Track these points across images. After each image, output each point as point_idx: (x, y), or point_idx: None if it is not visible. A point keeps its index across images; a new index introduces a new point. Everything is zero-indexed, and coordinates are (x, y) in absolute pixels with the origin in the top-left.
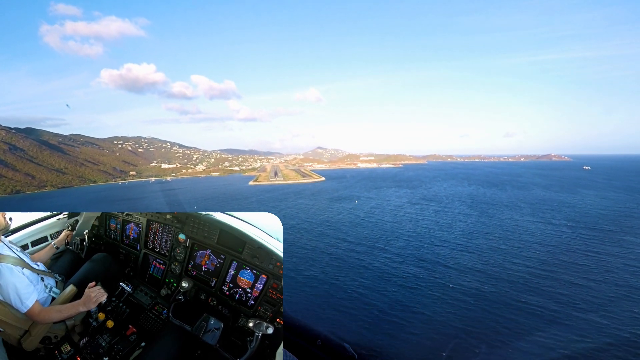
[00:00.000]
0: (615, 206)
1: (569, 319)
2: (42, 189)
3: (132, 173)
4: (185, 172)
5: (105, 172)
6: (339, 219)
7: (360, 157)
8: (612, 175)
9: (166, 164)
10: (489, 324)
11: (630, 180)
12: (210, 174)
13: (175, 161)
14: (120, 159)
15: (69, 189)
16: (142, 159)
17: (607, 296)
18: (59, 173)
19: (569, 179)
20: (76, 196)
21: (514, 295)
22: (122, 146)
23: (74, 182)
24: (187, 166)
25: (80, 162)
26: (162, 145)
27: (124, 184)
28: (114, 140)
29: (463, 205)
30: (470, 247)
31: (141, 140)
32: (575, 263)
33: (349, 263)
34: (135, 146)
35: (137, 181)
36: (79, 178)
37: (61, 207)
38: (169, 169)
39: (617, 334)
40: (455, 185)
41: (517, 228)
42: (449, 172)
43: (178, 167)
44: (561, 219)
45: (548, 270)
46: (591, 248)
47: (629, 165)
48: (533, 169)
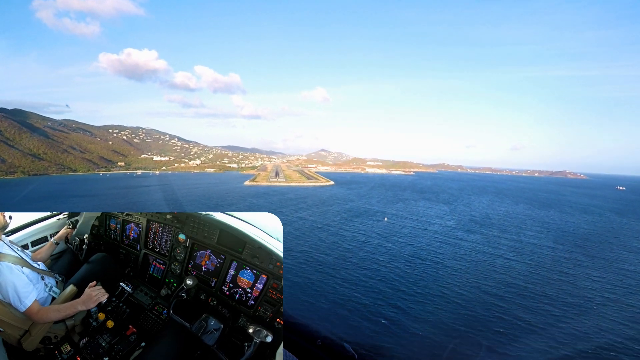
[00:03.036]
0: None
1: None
2: (9, 176)
3: (120, 164)
4: (177, 167)
5: (89, 160)
6: (370, 251)
7: (366, 161)
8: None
9: (158, 157)
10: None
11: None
12: (204, 169)
13: (171, 154)
14: (111, 148)
15: (41, 176)
16: (136, 149)
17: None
18: (35, 159)
19: (626, 202)
20: (34, 187)
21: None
22: (117, 135)
23: (50, 169)
24: (180, 160)
25: (63, 148)
26: (160, 137)
27: (104, 175)
28: (109, 129)
29: (542, 237)
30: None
31: (138, 131)
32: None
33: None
34: (131, 136)
35: (121, 173)
36: (57, 165)
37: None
38: (161, 161)
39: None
40: (496, 202)
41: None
42: (471, 184)
43: (171, 161)
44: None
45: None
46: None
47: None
48: (565, 187)
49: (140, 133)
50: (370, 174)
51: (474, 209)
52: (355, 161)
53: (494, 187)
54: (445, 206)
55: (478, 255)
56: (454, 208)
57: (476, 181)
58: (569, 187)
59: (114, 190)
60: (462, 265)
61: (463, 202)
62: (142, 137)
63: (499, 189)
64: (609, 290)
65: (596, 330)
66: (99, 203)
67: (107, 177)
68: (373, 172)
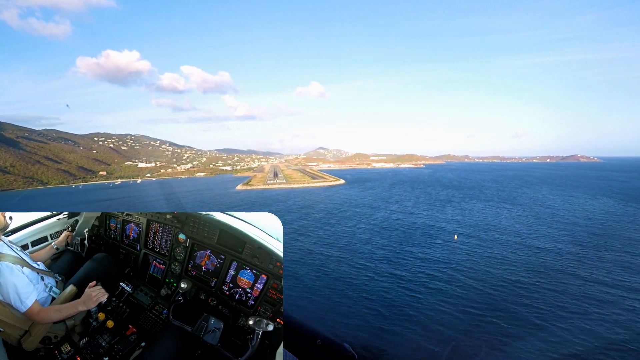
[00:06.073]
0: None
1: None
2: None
3: (102, 173)
4: (163, 173)
5: (66, 171)
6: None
7: (370, 156)
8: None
9: (144, 163)
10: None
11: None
12: (194, 174)
13: (162, 160)
14: (93, 157)
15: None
16: (123, 157)
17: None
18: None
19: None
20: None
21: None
22: (103, 143)
23: (16, 183)
24: (167, 165)
25: (36, 159)
26: (149, 143)
27: (77, 187)
28: (95, 137)
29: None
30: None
31: (127, 138)
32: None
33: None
34: (118, 143)
35: (99, 184)
36: (25, 179)
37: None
38: (146, 168)
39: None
40: (566, 196)
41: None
42: (496, 174)
43: (157, 167)
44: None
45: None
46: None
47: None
48: (598, 171)
49: (128, 140)
50: (379, 169)
51: (553, 208)
52: (358, 156)
53: (528, 175)
54: (512, 207)
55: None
56: (527, 209)
57: (497, 171)
58: (609, 171)
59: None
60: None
61: (527, 199)
62: (131, 144)
63: (537, 177)
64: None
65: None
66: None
67: (80, 189)
68: (380, 166)
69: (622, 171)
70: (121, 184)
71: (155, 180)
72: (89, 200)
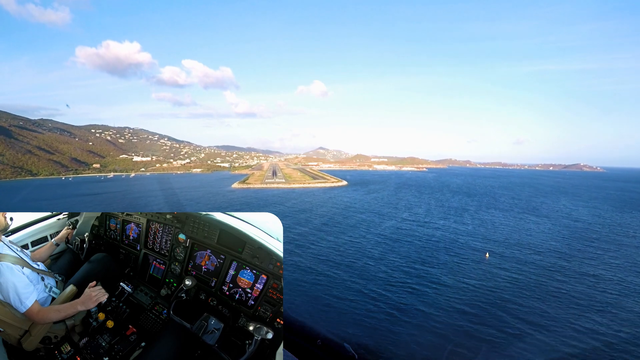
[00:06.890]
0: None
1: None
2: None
3: (95, 166)
4: (159, 167)
5: (58, 162)
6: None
7: (371, 158)
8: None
9: (139, 157)
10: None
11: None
12: (190, 170)
13: (159, 154)
14: (88, 148)
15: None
16: (119, 150)
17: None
18: None
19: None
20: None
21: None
22: (100, 135)
23: (3, 173)
24: (163, 160)
25: (27, 149)
26: (148, 137)
27: (67, 179)
28: (91, 129)
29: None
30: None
31: (124, 131)
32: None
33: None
34: (116, 136)
35: (91, 176)
36: (14, 169)
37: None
38: (141, 162)
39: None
40: (597, 208)
41: None
42: (502, 180)
43: (152, 161)
44: None
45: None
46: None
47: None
48: (608, 182)
49: (126, 133)
50: (381, 171)
51: (584, 222)
52: (359, 158)
53: (538, 184)
54: (538, 219)
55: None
56: (556, 222)
57: (503, 177)
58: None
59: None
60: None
61: (550, 210)
62: (128, 137)
63: (548, 185)
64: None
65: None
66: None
67: (70, 181)
68: (382, 169)
69: (632, 182)
70: (113, 178)
71: (149, 175)
72: (65, 195)
